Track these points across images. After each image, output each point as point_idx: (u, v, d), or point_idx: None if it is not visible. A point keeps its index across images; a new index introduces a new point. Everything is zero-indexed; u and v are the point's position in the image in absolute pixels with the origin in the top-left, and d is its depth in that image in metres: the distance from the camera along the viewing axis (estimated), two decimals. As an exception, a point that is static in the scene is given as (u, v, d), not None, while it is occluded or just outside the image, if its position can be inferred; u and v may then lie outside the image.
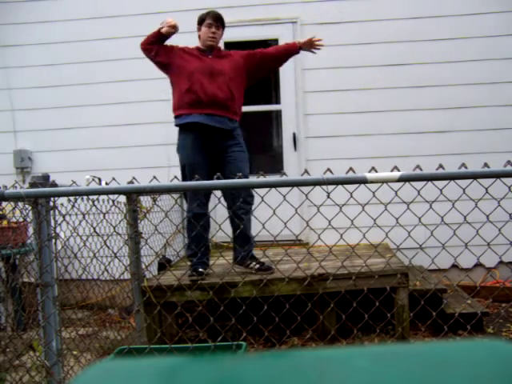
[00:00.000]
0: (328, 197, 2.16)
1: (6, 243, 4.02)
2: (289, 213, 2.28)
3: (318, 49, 3.94)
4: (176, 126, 3.81)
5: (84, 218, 2.61)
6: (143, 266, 3.59)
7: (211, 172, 3.39)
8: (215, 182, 2.26)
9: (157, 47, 3.74)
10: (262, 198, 2.15)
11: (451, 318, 2.84)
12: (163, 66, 3.84)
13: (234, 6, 5.31)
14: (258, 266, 3.75)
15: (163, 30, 3.67)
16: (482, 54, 5.12)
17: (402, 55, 5.19)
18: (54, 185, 2.46)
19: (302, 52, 5.21)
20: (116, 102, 5.38)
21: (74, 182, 2.36)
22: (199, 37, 3.90)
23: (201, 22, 3.87)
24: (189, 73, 3.71)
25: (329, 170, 2.10)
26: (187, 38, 4.17)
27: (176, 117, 3.78)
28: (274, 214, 2.12)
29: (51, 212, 2.45)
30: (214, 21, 3.82)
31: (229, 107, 3.72)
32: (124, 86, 5.34)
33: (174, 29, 3.67)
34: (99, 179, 4.03)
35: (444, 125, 5.16)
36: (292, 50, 3.96)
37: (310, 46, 3.91)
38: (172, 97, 3.86)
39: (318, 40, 3.90)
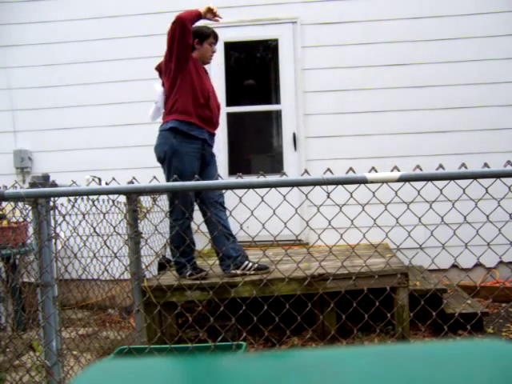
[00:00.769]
0: (328, 197, 2.16)
1: (6, 243, 4.02)
2: (289, 213, 2.28)
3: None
4: (183, 132, 3.71)
5: (84, 218, 2.61)
6: (143, 266, 3.59)
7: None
8: (214, 182, 2.26)
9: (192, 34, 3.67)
10: (262, 198, 2.15)
11: (451, 318, 2.84)
12: (185, 56, 3.64)
13: (234, 6, 5.31)
14: (256, 265, 3.75)
15: (206, 14, 3.58)
16: (482, 54, 5.12)
17: (402, 55, 5.19)
18: (54, 185, 2.46)
19: (302, 52, 5.26)
20: (116, 102, 5.38)
21: (74, 182, 2.36)
22: (194, 48, 3.82)
23: (204, 37, 3.83)
24: (205, 88, 3.76)
25: (329, 170, 2.10)
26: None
27: (185, 122, 3.69)
28: (274, 213, 2.12)
29: (51, 212, 2.45)
30: (216, 41, 3.94)
31: (218, 126, 4.00)
32: (124, 86, 5.34)
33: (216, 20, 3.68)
34: (99, 179, 4.03)
35: (444, 125, 5.16)
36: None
37: None
38: (177, 95, 3.70)
39: None
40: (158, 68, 3.93)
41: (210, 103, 3.78)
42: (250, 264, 3.75)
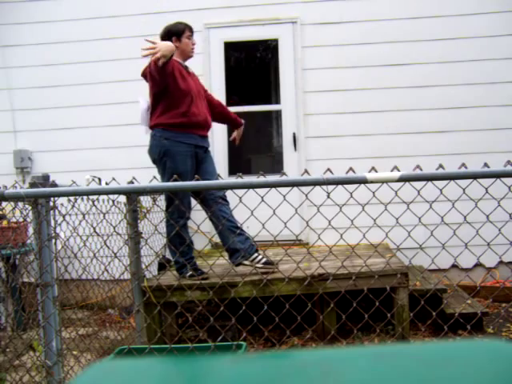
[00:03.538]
0: (328, 197, 2.16)
1: (6, 243, 4.02)
2: (289, 213, 2.28)
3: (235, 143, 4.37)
4: (173, 140, 3.74)
5: (84, 218, 2.61)
6: (143, 266, 3.59)
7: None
8: (214, 181, 2.26)
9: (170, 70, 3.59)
10: (262, 198, 2.15)
11: (451, 318, 2.84)
12: (165, 86, 3.67)
13: (234, 6, 5.31)
14: (264, 259, 3.74)
15: (160, 62, 3.42)
16: (482, 54, 5.12)
17: (402, 55, 5.19)
18: (54, 185, 2.46)
19: (302, 52, 5.26)
20: (116, 102, 5.38)
21: (74, 182, 2.36)
22: (176, 48, 3.80)
23: (180, 33, 3.84)
24: (186, 93, 3.73)
25: (329, 169, 2.10)
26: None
27: (170, 131, 3.73)
28: (274, 213, 2.12)
29: (51, 212, 2.45)
30: (192, 33, 3.93)
31: (209, 127, 3.98)
32: (124, 86, 5.33)
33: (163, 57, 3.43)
34: (99, 179, 4.03)
35: (444, 125, 5.16)
36: (233, 121, 4.31)
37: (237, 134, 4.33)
38: (159, 108, 3.75)
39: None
40: (144, 74, 3.84)
41: (192, 110, 3.75)
42: (260, 257, 3.74)
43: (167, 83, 3.63)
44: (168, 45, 3.46)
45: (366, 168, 2.13)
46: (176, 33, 3.84)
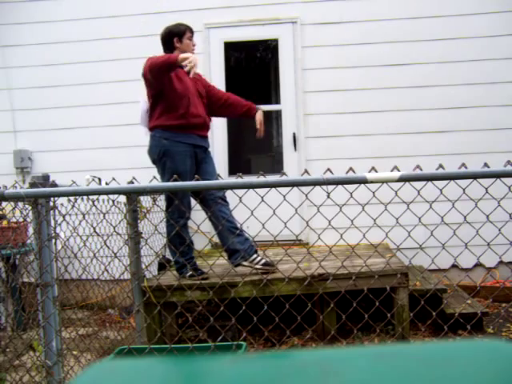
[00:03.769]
0: (328, 197, 2.16)
1: (6, 243, 4.02)
2: (289, 213, 2.28)
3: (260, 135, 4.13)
4: (172, 140, 3.76)
5: (84, 218, 2.61)
6: (143, 266, 3.59)
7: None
8: (214, 181, 2.26)
9: (168, 75, 3.65)
10: (262, 198, 2.15)
11: (451, 318, 2.84)
12: (162, 89, 3.72)
13: (234, 6, 5.31)
14: (263, 260, 3.74)
15: (184, 63, 3.45)
16: (482, 54, 5.12)
17: (402, 55, 5.19)
18: (54, 185, 2.46)
19: (302, 52, 5.26)
20: (116, 102, 5.38)
21: (74, 182, 2.36)
22: (175, 48, 3.84)
23: (181, 34, 3.86)
24: (184, 94, 3.75)
25: (329, 169, 2.10)
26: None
27: (169, 132, 3.75)
28: (274, 213, 2.12)
29: (51, 212, 2.45)
30: (192, 34, 3.95)
31: (209, 128, 4.00)
32: (124, 86, 5.33)
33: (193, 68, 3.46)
34: (99, 179, 4.03)
35: (444, 125, 5.16)
36: (248, 107, 4.14)
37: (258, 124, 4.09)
38: (158, 110, 3.77)
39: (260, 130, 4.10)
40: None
41: (190, 111, 3.77)
42: (259, 258, 3.75)
43: (163, 84, 3.65)
44: (196, 56, 3.56)
45: (366, 168, 2.13)
46: (177, 34, 3.86)
